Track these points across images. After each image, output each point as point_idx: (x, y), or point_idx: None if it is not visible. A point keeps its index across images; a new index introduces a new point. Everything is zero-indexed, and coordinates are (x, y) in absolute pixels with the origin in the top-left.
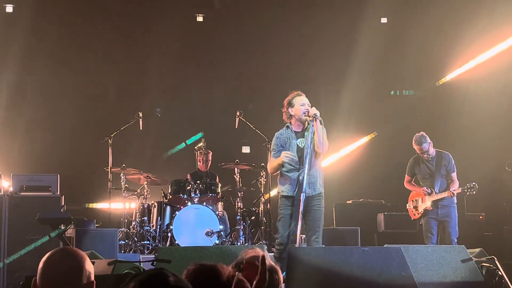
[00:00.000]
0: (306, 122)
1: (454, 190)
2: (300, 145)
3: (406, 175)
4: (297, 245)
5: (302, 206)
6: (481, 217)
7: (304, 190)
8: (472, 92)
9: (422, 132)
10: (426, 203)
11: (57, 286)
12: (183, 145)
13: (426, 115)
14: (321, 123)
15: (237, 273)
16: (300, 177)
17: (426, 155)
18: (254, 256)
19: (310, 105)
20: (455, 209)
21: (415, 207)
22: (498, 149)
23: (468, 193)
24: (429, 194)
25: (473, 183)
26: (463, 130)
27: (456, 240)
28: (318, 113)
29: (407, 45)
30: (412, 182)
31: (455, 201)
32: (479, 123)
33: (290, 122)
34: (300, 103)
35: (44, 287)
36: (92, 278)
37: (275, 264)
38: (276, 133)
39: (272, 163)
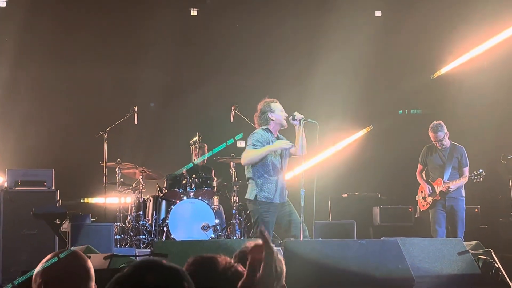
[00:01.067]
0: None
1: (463, 177)
2: (279, 151)
3: (419, 164)
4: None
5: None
6: (476, 209)
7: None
8: (466, 85)
9: (440, 121)
10: (435, 193)
11: (58, 284)
12: (231, 141)
13: (422, 108)
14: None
15: (235, 263)
16: (279, 183)
17: (439, 144)
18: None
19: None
20: (463, 202)
21: (424, 198)
22: (493, 142)
23: (475, 180)
24: (430, 195)
25: (480, 170)
26: (458, 123)
27: (463, 235)
28: (302, 117)
29: (402, 38)
30: (423, 174)
31: (463, 194)
32: (473, 116)
33: (267, 127)
34: (280, 109)
35: (46, 285)
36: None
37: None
38: (255, 131)
39: (255, 152)
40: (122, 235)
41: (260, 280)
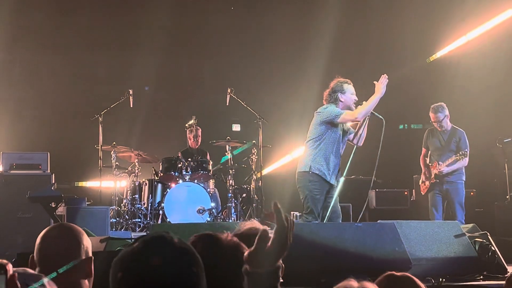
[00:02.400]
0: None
1: (450, 158)
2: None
3: (422, 148)
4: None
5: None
6: (472, 193)
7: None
8: (463, 68)
9: (441, 103)
10: (431, 176)
11: (55, 261)
12: (226, 157)
13: (418, 92)
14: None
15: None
16: (336, 164)
17: (439, 126)
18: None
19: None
20: (462, 185)
21: (423, 182)
22: (489, 126)
23: (460, 159)
24: (426, 178)
25: (466, 150)
26: (454, 107)
27: (463, 219)
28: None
29: (398, 22)
30: (426, 158)
31: (464, 178)
32: (470, 100)
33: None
34: (351, 92)
35: (42, 264)
36: (90, 253)
37: None
38: (326, 106)
39: (364, 105)
40: (117, 219)
41: (270, 250)
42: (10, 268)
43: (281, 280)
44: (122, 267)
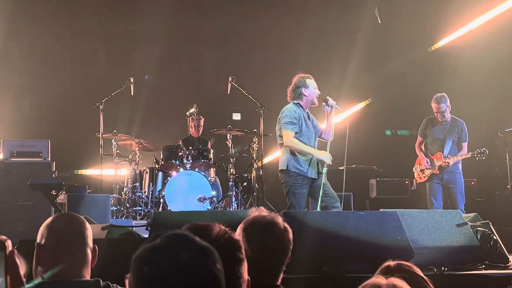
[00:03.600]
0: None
1: (463, 153)
2: (313, 133)
3: (418, 136)
4: None
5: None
6: (473, 182)
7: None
8: (465, 58)
9: (443, 93)
10: (433, 167)
11: (65, 251)
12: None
13: (419, 81)
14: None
15: (230, 231)
16: (313, 159)
17: (441, 116)
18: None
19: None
20: (460, 175)
21: (422, 170)
22: (490, 115)
23: (478, 158)
24: (428, 168)
25: (483, 149)
26: (456, 97)
27: (463, 207)
28: (335, 103)
29: (399, 11)
30: (422, 146)
31: (461, 168)
32: (471, 89)
33: (298, 102)
34: (314, 86)
35: (53, 253)
36: (91, 242)
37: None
38: (288, 107)
39: (300, 145)
40: (118, 207)
41: None
42: (9, 244)
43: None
44: (149, 262)
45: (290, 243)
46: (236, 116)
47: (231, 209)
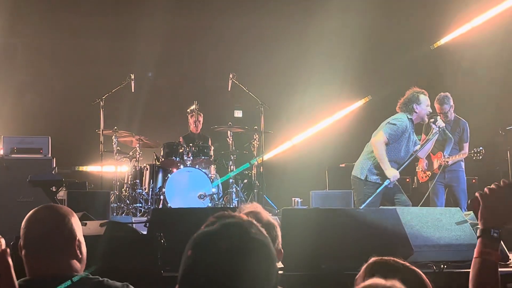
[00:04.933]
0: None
1: (462, 152)
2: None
3: (422, 134)
4: None
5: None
6: (474, 180)
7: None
8: (468, 55)
9: (447, 93)
10: (434, 166)
11: (39, 243)
12: (247, 165)
13: (422, 79)
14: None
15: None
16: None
17: (444, 117)
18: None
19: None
20: (463, 173)
21: (424, 171)
22: (492, 114)
23: (474, 158)
24: (427, 169)
25: (480, 148)
26: (458, 94)
27: (466, 205)
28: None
29: (402, 7)
30: None
31: (463, 166)
32: (473, 87)
33: (411, 117)
34: (426, 104)
35: (26, 246)
36: (78, 235)
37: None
38: (403, 119)
39: (382, 155)
40: (118, 203)
41: None
42: (2, 242)
43: (282, 265)
44: (193, 245)
45: (275, 238)
46: (238, 113)
47: (231, 206)
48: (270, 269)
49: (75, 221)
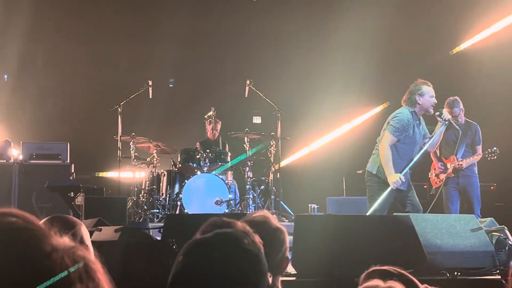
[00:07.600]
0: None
1: (477, 154)
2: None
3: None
4: None
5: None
6: (492, 187)
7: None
8: (487, 61)
9: (456, 97)
10: (448, 170)
11: None
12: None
13: (441, 85)
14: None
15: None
16: (405, 170)
17: (454, 120)
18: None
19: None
20: (476, 178)
21: (437, 175)
22: (510, 119)
23: (489, 158)
24: (442, 172)
25: (494, 148)
26: (478, 100)
27: (479, 212)
28: (450, 118)
29: (421, 13)
30: (436, 150)
31: (476, 171)
32: (493, 92)
33: (414, 110)
34: (430, 95)
35: None
36: (86, 242)
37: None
38: (403, 112)
39: (386, 157)
40: (136, 209)
41: None
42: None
43: (294, 272)
44: (185, 251)
45: (282, 243)
46: (257, 120)
47: (248, 212)
48: (259, 280)
49: (84, 229)
